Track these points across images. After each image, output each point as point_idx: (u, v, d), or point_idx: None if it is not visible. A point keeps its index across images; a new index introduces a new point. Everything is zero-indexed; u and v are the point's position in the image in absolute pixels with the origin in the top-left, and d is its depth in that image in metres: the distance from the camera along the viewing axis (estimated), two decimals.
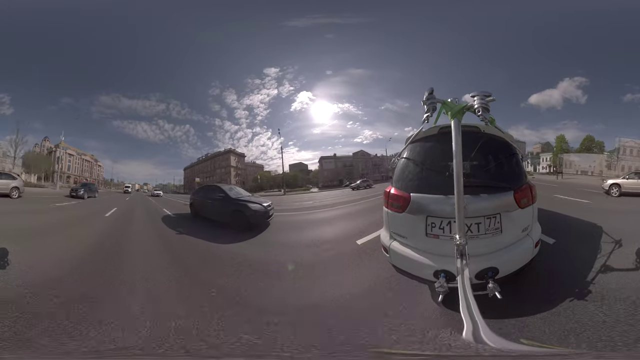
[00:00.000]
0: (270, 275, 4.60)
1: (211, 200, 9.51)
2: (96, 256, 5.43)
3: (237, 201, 8.97)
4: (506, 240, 2.95)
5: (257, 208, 8.53)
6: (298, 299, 3.75)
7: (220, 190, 9.72)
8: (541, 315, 2.69)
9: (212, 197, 9.59)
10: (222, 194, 9.44)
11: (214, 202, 9.38)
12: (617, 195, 11.59)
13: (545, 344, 2.18)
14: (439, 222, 2.96)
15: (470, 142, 2.95)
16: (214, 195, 9.61)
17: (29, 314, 2.95)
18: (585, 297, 2.94)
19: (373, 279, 4.00)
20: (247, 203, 8.68)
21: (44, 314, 2.99)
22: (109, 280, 4.20)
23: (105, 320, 2.83)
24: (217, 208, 9.16)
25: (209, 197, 9.74)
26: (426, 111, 2.81)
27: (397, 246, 3.23)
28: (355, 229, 7.13)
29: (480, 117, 2.63)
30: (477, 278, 2.73)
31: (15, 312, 2.98)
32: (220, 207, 9.07)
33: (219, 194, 9.52)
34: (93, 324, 2.75)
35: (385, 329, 2.70)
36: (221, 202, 9.15)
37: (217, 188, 10.02)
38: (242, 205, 8.60)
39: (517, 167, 3.21)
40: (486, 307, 2.02)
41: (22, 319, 2.86)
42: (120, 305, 3.44)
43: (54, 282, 3.98)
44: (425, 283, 3.17)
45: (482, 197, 2.92)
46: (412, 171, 3.33)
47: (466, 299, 2.04)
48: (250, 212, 8.26)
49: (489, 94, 2.63)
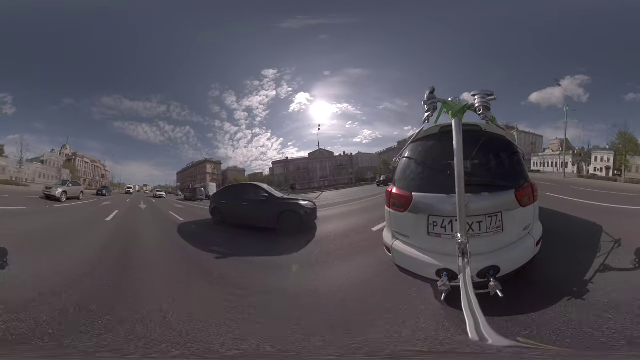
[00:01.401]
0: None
1: (248, 203, 8.09)
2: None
3: (285, 201, 7.99)
4: (507, 239, 2.96)
5: (310, 206, 7.64)
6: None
7: (262, 189, 8.43)
8: (539, 313, 2.70)
9: (250, 198, 8.21)
10: (265, 194, 8.16)
11: (252, 205, 7.98)
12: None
13: (541, 344, 2.19)
14: (440, 221, 2.97)
15: (472, 140, 2.96)
16: (253, 196, 8.24)
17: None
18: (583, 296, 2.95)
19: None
20: (298, 201, 7.79)
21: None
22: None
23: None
24: (258, 211, 7.73)
25: (244, 199, 8.28)
26: (427, 110, 2.83)
27: (399, 245, 3.24)
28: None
29: (481, 116, 2.65)
30: (479, 277, 2.74)
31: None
32: (262, 209, 7.69)
33: (263, 194, 8.18)
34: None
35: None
36: (264, 204, 7.84)
37: (256, 187, 8.72)
38: (293, 204, 7.61)
39: (518, 165, 3.22)
40: (486, 304, 2.03)
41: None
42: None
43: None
44: (428, 282, 3.18)
45: (484, 195, 2.92)
46: (414, 170, 3.34)
47: (468, 297, 2.06)
48: (304, 212, 7.32)
49: (490, 92, 2.64)
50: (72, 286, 3.80)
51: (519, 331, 2.46)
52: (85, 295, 3.59)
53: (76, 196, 16.65)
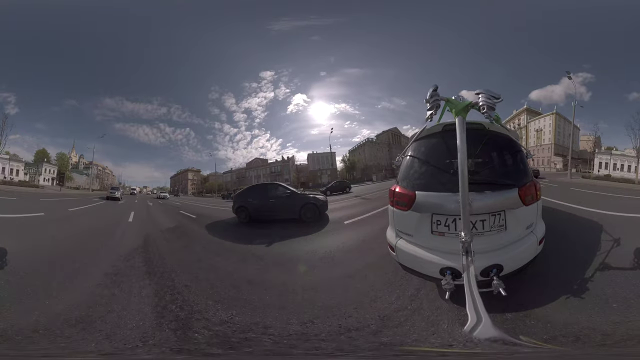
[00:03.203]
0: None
1: (275, 199, 9.64)
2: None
3: (306, 196, 9.80)
4: (510, 238, 2.96)
5: (323, 199, 9.67)
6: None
7: (283, 187, 10.26)
8: (540, 311, 2.71)
9: (276, 195, 9.83)
10: (288, 191, 9.92)
11: (278, 200, 9.55)
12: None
13: (544, 343, 2.19)
14: (444, 220, 2.97)
15: (475, 139, 2.97)
16: (279, 193, 9.89)
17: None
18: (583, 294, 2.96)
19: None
20: (316, 195, 9.75)
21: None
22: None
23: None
24: (285, 206, 9.31)
25: (270, 195, 9.83)
26: (430, 108, 2.83)
27: (403, 244, 3.24)
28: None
29: (485, 115, 2.65)
30: (482, 275, 2.74)
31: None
32: (288, 204, 9.29)
33: (286, 191, 9.93)
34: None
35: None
36: (289, 199, 9.49)
37: (277, 186, 10.47)
38: (311, 198, 9.46)
39: (521, 164, 3.21)
40: (489, 303, 2.04)
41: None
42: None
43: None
44: (432, 281, 3.18)
45: (487, 194, 2.92)
46: (417, 169, 3.34)
47: (472, 295, 2.07)
48: (321, 203, 9.30)
49: (497, 95, 2.64)
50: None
51: (522, 330, 2.47)
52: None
53: (117, 197, 24.03)
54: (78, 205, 15.28)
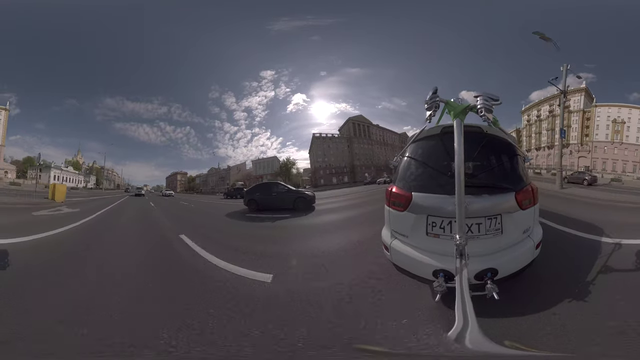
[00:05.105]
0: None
1: (276, 194, 13.23)
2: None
3: (298, 191, 13.57)
4: (507, 242, 2.95)
5: (312, 194, 13.12)
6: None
7: (282, 185, 14.20)
8: (534, 317, 2.68)
9: (277, 190, 13.47)
10: (285, 188, 13.76)
11: (278, 195, 13.07)
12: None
13: (529, 347, 2.17)
14: (439, 222, 2.96)
15: (473, 142, 2.95)
16: (279, 189, 13.58)
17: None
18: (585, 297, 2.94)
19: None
20: (305, 191, 13.65)
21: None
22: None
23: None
24: (283, 198, 12.72)
25: (273, 191, 13.47)
26: (428, 109, 2.81)
27: (397, 245, 3.25)
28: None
29: (483, 118, 2.63)
30: (477, 279, 2.73)
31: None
32: (285, 197, 12.85)
33: (282, 188, 13.74)
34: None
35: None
36: (286, 194, 13.19)
37: (278, 184, 14.41)
38: (302, 193, 13.23)
39: (519, 168, 3.20)
40: (481, 307, 2.03)
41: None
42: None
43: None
44: (426, 283, 3.18)
45: (484, 197, 2.91)
46: (414, 170, 3.33)
47: (462, 298, 2.06)
48: (310, 197, 12.80)
49: (496, 97, 2.61)
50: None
51: (509, 335, 2.45)
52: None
53: (142, 194, 30.98)
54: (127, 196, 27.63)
